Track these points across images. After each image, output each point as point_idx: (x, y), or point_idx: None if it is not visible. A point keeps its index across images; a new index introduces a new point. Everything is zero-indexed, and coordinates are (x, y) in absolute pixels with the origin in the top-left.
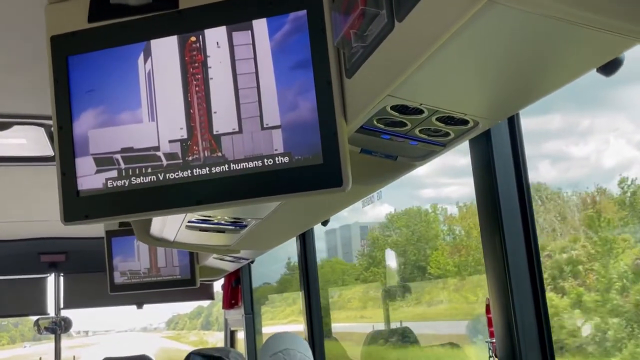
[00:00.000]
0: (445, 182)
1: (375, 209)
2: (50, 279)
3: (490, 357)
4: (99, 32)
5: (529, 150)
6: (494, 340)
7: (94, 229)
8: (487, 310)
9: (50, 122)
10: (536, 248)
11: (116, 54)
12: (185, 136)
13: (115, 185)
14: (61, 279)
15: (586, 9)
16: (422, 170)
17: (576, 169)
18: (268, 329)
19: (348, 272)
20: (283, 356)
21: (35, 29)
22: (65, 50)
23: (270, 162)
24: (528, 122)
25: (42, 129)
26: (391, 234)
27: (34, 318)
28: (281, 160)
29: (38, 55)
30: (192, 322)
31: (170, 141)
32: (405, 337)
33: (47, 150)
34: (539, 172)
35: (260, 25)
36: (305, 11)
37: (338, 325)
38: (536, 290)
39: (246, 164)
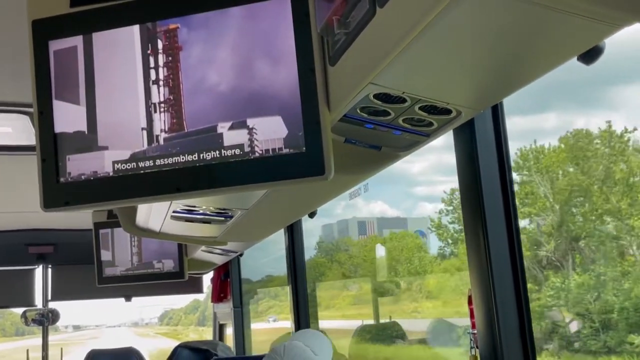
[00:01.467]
0: (439, 179)
1: (368, 205)
2: (38, 270)
3: (471, 347)
4: (81, 16)
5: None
6: (475, 331)
7: (83, 220)
8: (469, 302)
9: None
10: (518, 239)
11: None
12: (166, 123)
13: (95, 171)
14: (49, 270)
15: None
16: (416, 168)
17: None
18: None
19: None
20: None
21: (21, 16)
22: (46, 34)
23: (251, 149)
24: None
25: (27, 118)
26: None
27: (19, 310)
28: (263, 147)
29: (23, 41)
30: (188, 317)
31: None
32: None
33: (33, 139)
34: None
35: (241, 11)
36: None
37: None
38: (517, 282)
39: (227, 151)
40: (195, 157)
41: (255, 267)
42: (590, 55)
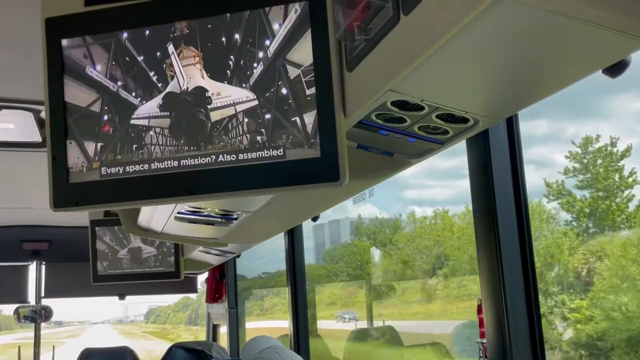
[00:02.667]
0: (429, 184)
1: (358, 207)
2: (32, 267)
3: (480, 357)
4: (95, 16)
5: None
6: (484, 341)
7: (79, 217)
8: (479, 311)
9: (39, 107)
10: (530, 250)
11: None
12: (180, 125)
13: (107, 172)
14: (43, 267)
15: (595, 6)
16: (407, 172)
17: (559, 176)
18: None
19: None
20: (272, 351)
21: (27, 12)
22: (59, 33)
23: (266, 154)
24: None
25: (30, 114)
26: None
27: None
28: (278, 152)
29: (29, 38)
30: (177, 315)
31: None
32: None
33: (35, 136)
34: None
35: (259, 15)
36: (307, 2)
37: None
38: (529, 292)
39: (242, 155)
40: (209, 160)
41: (258, 265)
42: (616, 68)
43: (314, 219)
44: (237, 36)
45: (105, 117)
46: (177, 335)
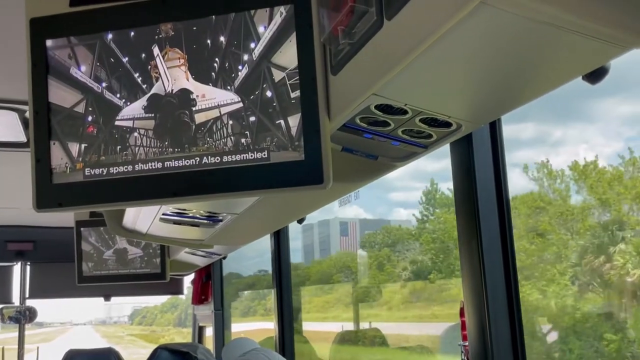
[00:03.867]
0: (416, 186)
1: (344, 210)
2: (17, 267)
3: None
4: (80, 17)
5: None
6: (466, 344)
7: (64, 218)
8: (461, 314)
9: (24, 107)
10: (512, 253)
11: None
12: (165, 127)
13: (91, 173)
14: (27, 267)
15: (576, 15)
16: (393, 174)
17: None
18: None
19: None
20: (259, 353)
21: (11, 11)
22: (44, 33)
23: (251, 156)
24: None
25: (15, 114)
26: None
27: None
28: (262, 155)
29: (13, 38)
30: (165, 316)
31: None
32: None
33: (20, 136)
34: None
35: (244, 18)
36: (292, 5)
37: None
38: (510, 295)
39: (226, 157)
40: (193, 161)
41: (260, 262)
42: (596, 75)
43: (300, 221)
44: (222, 38)
45: (90, 118)
46: (170, 338)
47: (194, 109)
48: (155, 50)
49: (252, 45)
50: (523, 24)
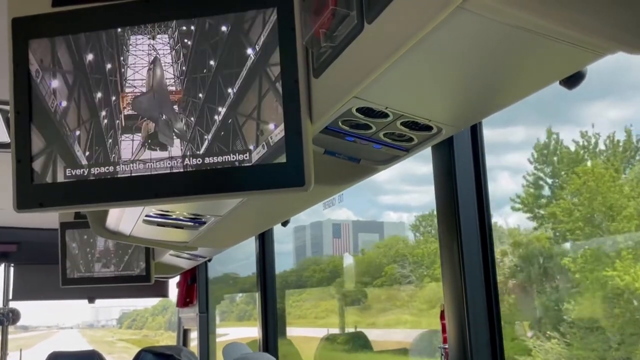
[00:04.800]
0: (405, 189)
1: (335, 212)
2: (0, 269)
3: None
4: (63, 17)
5: (490, 161)
6: (446, 347)
7: (49, 219)
8: (442, 317)
9: (7, 107)
10: (492, 257)
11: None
12: (146, 130)
13: (72, 174)
14: (11, 269)
15: (552, 21)
16: (383, 176)
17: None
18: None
19: None
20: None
21: None
22: (26, 33)
23: (233, 158)
24: (490, 133)
25: None
26: None
27: None
28: (245, 157)
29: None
30: (156, 319)
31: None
32: None
33: (3, 136)
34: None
35: (228, 20)
36: (275, 8)
37: None
38: (490, 298)
39: (208, 159)
40: (175, 163)
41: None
42: (573, 80)
43: (284, 223)
44: (211, 41)
45: (71, 119)
46: (165, 344)
47: (177, 110)
48: (142, 51)
49: (244, 51)
50: (500, 28)
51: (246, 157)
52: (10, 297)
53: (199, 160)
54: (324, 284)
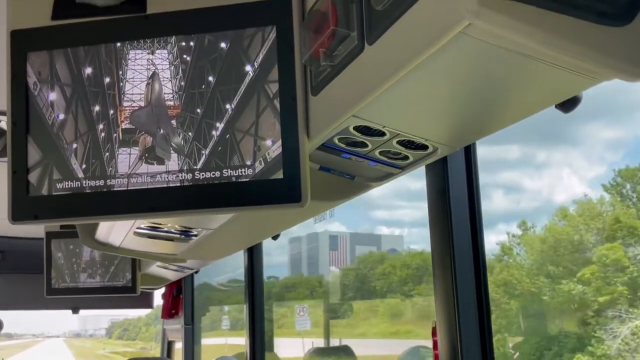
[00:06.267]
0: (398, 204)
1: (325, 226)
2: None
3: None
4: (62, 30)
5: (484, 178)
6: None
7: (34, 229)
8: (433, 333)
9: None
10: (484, 274)
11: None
12: (143, 144)
13: (68, 186)
14: None
15: (550, 48)
16: (376, 191)
17: (527, 201)
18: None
19: None
20: None
21: None
22: (25, 46)
23: (229, 173)
24: (485, 151)
25: None
26: None
27: None
28: (242, 172)
29: None
30: (150, 329)
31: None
32: None
33: None
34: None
35: (227, 37)
36: (274, 26)
37: None
38: (482, 315)
39: (205, 174)
40: (172, 177)
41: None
42: (568, 104)
43: (274, 237)
44: (210, 57)
45: (69, 131)
46: None
47: (174, 125)
48: (141, 65)
49: (243, 68)
50: (499, 53)
51: (243, 172)
52: None
53: (196, 175)
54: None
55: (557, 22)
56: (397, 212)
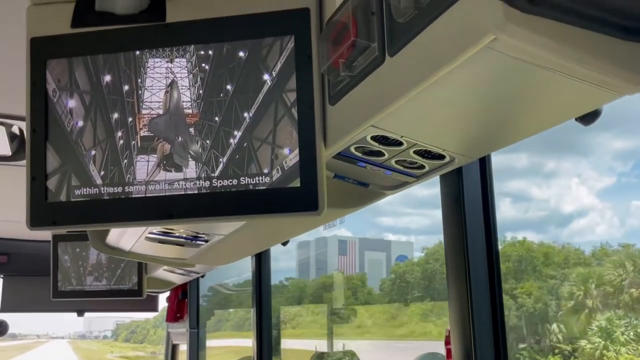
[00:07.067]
0: (405, 211)
1: (332, 232)
2: None
3: None
4: (82, 38)
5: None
6: None
7: (40, 232)
8: (447, 342)
9: (11, 121)
10: (499, 283)
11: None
12: (162, 151)
13: (86, 193)
14: (0, 280)
15: (572, 61)
16: (384, 198)
17: (535, 211)
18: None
19: None
20: None
21: (2, 27)
22: (44, 53)
23: (246, 181)
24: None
25: (2, 128)
26: None
27: None
28: (259, 180)
29: (3, 54)
30: (158, 332)
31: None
32: None
33: (4, 149)
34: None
35: (245, 46)
36: (292, 36)
37: None
38: (496, 323)
39: (222, 181)
40: (190, 184)
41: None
42: (589, 117)
43: (284, 243)
44: (229, 66)
45: (87, 138)
46: None
47: (192, 132)
48: (159, 73)
49: (262, 77)
50: (523, 67)
51: (260, 180)
52: (0, 308)
53: (214, 183)
54: None
55: (582, 37)
56: (403, 219)
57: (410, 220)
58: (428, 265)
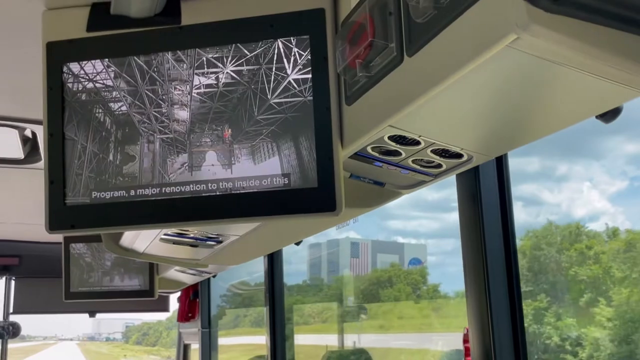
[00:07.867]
0: (414, 215)
1: (342, 234)
2: (1, 282)
3: None
4: (97, 42)
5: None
6: None
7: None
8: (465, 340)
9: (24, 125)
10: (517, 281)
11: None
12: (178, 153)
13: (105, 196)
14: (12, 282)
15: (594, 59)
16: (393, 201)
17: (546, 215)
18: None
19: None
20: None
21: (16, 32)
22: (61, 57)
23: (264, 183)
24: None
25: (16, 132)
26: None
27: None
28: (278, 181)
29: (17, 58)
30: (171, 334)
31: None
32: None
33: (17, 152)
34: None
35: (261, 47)
36: (307, 36)
37: None
38: (515, 322)
39: (241, 183)
40: (209, 186)
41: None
42: (609, 115)
43: (297, 243)
44: (246, 68)
45: (104, 142)
46: None
47: (209, 133)
48: (175, 77)
49: (277, 77)
50: (544, 66)
51: (279, 181)
52: (11, 310)
53: (233, 184)
54: None
55: (606, 36)
56: (412, 222)
57: (419, 223)
58: (540, 252)
